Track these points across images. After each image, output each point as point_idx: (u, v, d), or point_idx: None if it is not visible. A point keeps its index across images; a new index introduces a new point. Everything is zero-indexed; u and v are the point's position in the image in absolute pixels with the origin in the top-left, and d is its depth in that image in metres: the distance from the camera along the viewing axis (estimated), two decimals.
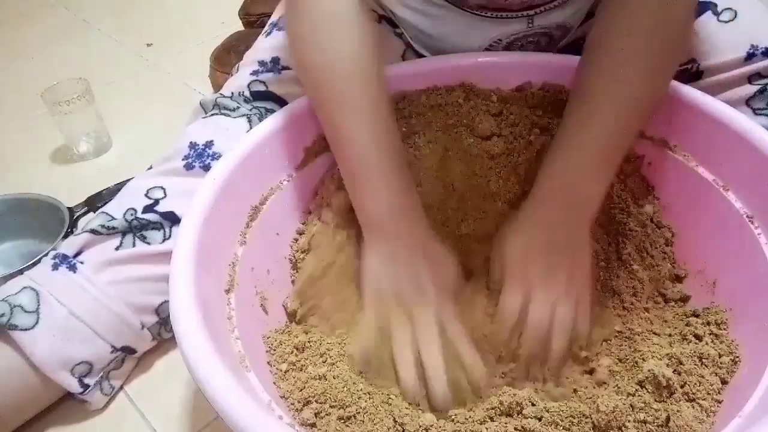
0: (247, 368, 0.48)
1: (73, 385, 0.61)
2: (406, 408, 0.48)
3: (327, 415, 0.48)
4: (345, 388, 0.50)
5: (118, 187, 0.81)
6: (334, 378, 0.51)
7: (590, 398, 0.48)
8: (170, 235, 0.64)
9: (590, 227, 0.57)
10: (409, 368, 0.54)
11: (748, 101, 0.65)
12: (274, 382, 0.51)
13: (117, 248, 0.63)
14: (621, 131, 0.55)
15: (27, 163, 1.03)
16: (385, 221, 0.56)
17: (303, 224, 0.63)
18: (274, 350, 0.54)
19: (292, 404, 0.49)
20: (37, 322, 0.59)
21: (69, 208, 0.83)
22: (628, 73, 0.54)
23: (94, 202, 0.84)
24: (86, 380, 0.62)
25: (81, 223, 0.81)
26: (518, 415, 0.47)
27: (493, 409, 0.48)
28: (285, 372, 0.53)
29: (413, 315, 0.55)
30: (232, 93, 0.72)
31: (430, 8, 0.69)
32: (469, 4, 0.66)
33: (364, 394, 0.50)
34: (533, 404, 0.47)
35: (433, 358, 0.54)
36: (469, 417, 0.48)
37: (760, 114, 0.65)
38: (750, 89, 0.65)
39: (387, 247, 0.56)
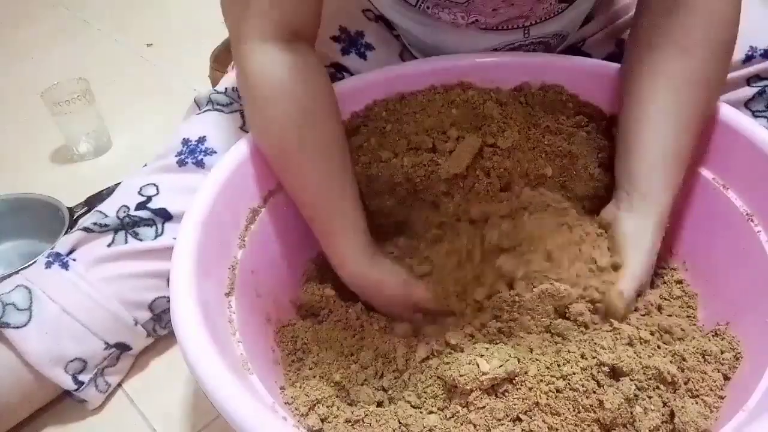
0: (249, 371, 0.48)
1: (67, 382, 0.61)
2: (411, 409, 0.48)
3: (335, 417, 0.48)
4: (352, 392, 0.50)
5: (118, 187, 0.81)
6: (339, 383, 0.51)
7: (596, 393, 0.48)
8: (163, 232, 0.64)
9: None
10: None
11: (746, 103, 0.65)
12: (281, 388, 0.52)
13: (109, 245, 0.63)
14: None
15: (27, 163, 1.03)
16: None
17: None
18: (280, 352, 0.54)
19: (297, 409, 0.49)
20: (29, 320, 0.59)
21: (69, 208, 0.83)
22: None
23: (94, 202, 0.83)
24: (80, 377, 0.62)
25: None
26: (526, 414, 0.46)
27: (498, 413, 0.47)
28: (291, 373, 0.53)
29: None
30: (226, 89, 0.71)
31: (426, 19, 0.68)
32: (459, 23, 0.66)
33: (369, 397, 0.50)
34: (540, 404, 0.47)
35: None
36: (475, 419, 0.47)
37: (759, 116, 0.65)
38: (749, 91, 0.65)
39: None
